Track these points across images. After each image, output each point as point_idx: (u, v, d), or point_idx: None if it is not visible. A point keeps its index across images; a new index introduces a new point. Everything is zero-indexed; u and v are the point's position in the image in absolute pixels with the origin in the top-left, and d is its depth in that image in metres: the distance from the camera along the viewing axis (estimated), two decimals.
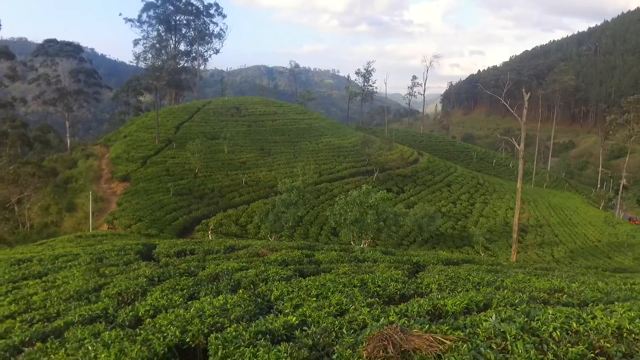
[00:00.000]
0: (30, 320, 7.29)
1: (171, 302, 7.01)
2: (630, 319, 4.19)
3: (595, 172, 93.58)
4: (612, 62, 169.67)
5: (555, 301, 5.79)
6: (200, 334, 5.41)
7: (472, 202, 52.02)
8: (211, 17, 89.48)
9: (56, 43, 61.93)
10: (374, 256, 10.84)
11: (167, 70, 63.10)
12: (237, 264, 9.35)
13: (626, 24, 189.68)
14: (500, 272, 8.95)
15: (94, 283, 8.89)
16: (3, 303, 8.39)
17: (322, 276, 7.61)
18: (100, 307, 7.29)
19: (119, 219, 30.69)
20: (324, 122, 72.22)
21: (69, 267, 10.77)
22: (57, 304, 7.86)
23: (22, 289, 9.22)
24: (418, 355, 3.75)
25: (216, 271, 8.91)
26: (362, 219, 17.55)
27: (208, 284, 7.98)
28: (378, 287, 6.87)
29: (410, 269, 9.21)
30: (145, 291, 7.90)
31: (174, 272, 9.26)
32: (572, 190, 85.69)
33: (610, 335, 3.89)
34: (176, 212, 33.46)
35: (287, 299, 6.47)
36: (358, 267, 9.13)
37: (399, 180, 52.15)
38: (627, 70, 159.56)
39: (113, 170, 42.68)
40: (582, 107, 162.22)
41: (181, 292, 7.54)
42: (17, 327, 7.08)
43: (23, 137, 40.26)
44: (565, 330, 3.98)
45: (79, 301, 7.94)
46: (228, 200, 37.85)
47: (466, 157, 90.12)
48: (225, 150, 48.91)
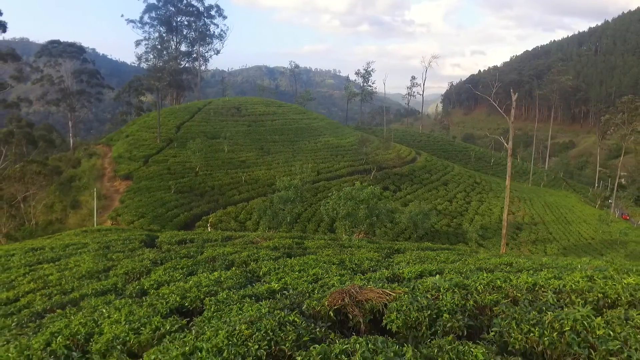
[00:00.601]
0: (49, 294, 8.26)
1: (172, 278, 7.97)
2: (547, 279, 5.14)
3: (594, 172, 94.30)
4: (612, 62, 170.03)
5: (498, 270, 6.72)
6: (197, 299, 6.38)
7: (468, 201, 52.87)
8: (212, 19, 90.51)
9: (59, 44, 63.05)
10: (359, 244, 11.78)
11: (168, 70, 64.09)
12: (232, 249, 10.30)
13: (626, 24, 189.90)
14: (471, 256, 9.88)
15: (103, 265, 9.86)
16: (23, 282, 9.36)
17: (307, 257, 8.56)
18: (110, 282, 8.26)
19: (122, 215, 31.69)
20: (323, 122, 73.14)
21: (79, 253, 11.75)
22: (72, 281, 8.83)
23: (38, 271, 10.20)
24: (369, 304, 4.70)
25: (213, 255, 9.86)
26: (354, 214, 18.51)
27: (205, 264, 8.95)
28: (354, 265, 7.82)
29: (388, 253, 10.15)
30: (149, 270, 8.87)
31: (175, 256, 10.23)
32: (569, 190, 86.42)
33: (525, 289, 4.84)
34: (177, 209, 34.45)
35: (273, 273, 7.43)
36: (341, 251, 10.07)
37: (396, 179, 53.05)
38: (627, 70, 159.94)
39: (116, 169, 43.69)
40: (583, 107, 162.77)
41: (181, 270, 8.50)
42: (37, 299, 8.05)
43: (28, 137, 41.35)
44: (489, 286, 4.92)
45: (91, 279, 8.91)
46: (228, 198, 38.82)
47: (464, 156, 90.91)
48: (225, 150, 49.89)
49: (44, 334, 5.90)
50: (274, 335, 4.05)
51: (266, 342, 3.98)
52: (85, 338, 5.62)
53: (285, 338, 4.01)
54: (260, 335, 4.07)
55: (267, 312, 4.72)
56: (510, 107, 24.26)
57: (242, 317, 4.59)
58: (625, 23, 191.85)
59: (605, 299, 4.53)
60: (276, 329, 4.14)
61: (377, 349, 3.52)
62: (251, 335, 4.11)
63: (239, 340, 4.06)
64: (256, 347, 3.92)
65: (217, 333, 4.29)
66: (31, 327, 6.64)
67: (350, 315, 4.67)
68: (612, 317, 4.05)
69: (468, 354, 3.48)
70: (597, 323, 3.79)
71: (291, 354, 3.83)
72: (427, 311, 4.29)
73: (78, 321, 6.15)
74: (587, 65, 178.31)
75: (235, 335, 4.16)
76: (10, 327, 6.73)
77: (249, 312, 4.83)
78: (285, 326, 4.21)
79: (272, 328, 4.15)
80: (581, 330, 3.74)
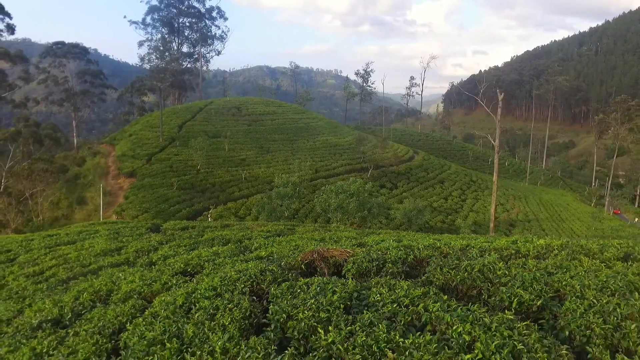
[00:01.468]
0: (70, 267, 9.54)
1: (177, 253, 9.24)
2: (480, 242, 6.37)
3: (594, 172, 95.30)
4: (613, 62, 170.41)
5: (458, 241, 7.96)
6: (198, 265, 7.64)
7: (463, 198, 54.02)
8: (213, 20, 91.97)
9: (64, 45, 64.43)
10: (345, 228, 13.02)
11: (170, 71, 65.45)
12: (229, 232, 11.56)
13: (627, 24, 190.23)
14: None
15: (115, 245, 11.13)
16: (45, 259, 10.65)
17: (294, 235, 9.81)
18: (123, 257, 9.54)
19: (127, 210, 33.03)
20: (322, 122, 74.40)
21: (92, 237, 13.03)
22: (89, 258, 10.10)
23: (57, 251, 11.48)
24: (333, 259, 5.94)
25: (212, 237, 11.13)
26: (345, 206, 19.73)
27: (205, 242, 10.21)
28: (333, 241, 9.05)
29: (368, 233, 11.38)
30: (156, 248, 10.14)
31: (179, 238, 11.49)
32: (566, 188, 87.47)
33: (458, 249, 6.07)
34: (179, 204, 35.76)
35: (263, 247, 8.69)
36: (325, 232, 11.31)
37: (393, 177, 54.26)
38: (627, 70, 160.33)
39: (120, 167, 45.04)
40: (583, 107, 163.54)
41: (184, 247, 9.78)
42: (60, 271, 9.33)
43: (35, 135, 42.74)
44: (430, 247, 6.16)
45: (105, 256, 10.19)
46: (228, 195, 40.12)
47: (462, 155, 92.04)
48: (226, 148, 51.21)
49: (72, 292, 7.17)
50: (256, 278, 5.30)
51: (250, 282, 5.24)
52: (106, 294, 6.89)
53: (264, 279, 5.26)
54: (245, 278, 5.32)
55: (253, 266, 5.98)
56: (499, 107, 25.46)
57: (233, 269, 5.85)
58: (625, 23, 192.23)
59: (518, 253, 5.77)
60: (258, 274, 5.39)
61: (329, 282, 4.77)
62: (238, 278, 5.37)
63: (229, 282, 5.32)
64: (242, 286, 5.17)
65: (212, 279, 5.55)
66: (59, 290, 7.91)
67: (318, 268, 5.91)
68: (514, 263, 5.29)
69: (397, 286, 4.72)
70: (499, 267, 5.02)
71: (268, 290, 5.08)
72: (375, 262, 5.54)
73: (99, 282, 7.42)
74: (587, 65, 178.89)
75: (226, 279, 5.42)
76: (43, 290, 8.00)
77: (239, 267, 6.08)
78: (265, 272, 5.46)
79: (255, 273, 5.40)
80: (486, 271, 4.97)
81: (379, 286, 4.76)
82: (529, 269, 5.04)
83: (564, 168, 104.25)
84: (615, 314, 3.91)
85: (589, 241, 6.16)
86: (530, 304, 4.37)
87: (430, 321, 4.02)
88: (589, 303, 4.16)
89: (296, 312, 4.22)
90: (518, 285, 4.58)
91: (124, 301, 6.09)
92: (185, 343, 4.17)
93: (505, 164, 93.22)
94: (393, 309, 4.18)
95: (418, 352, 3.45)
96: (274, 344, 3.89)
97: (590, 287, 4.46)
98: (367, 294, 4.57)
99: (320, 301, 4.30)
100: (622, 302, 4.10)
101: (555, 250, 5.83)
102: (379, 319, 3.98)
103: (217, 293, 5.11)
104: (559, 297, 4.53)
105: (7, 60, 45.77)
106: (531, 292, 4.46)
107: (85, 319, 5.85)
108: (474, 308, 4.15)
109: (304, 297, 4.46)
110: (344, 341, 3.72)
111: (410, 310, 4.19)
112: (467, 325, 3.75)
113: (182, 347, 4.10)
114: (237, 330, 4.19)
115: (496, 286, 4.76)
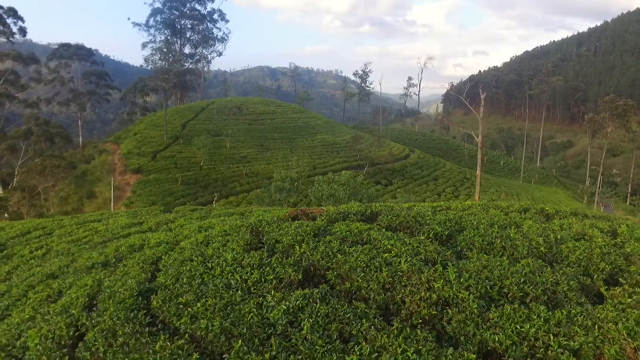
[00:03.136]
0: (102, 236, 11.59)
1: (190, 222, 11.28)
2: (423, 205, 8.41)
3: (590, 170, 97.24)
4: (611, 62, 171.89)
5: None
6: (209, 226, 9.67)
7: (456, 195, 55.97)
8: (214, 22, 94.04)
9: (70, 47, 66.67)
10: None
11: (173, 72, 67.52)
12: (233, 210, 13.61)
13: (625, 24, 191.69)
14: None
15: (137, 220, 13.18)
16: (78, 232, 12.70)
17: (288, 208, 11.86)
18: (146, 227, 11.59)
19: (135, 203, 35.10)
20: (320, 121, 76.44)
21: (114, 217, 15.09)
22: (117, 229, 12.16)
23: (87, 226, 13.53)
24: (312, 215, 7.99)
25: (219, 213, 13.18)
26: (336, 195, 21.72)
27: (213, 216, 12.26)
28: None
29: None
30: (173, 220, 12.19)
31: (190, 215, 13.54)
32: (560, 186, 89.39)
33: (406, 207, 8.10)
34: (184, 198, 37.83)
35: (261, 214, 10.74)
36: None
37: (388, 174, 56.26)
38: (625, 70, 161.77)
39: (126, 164, 47.12)
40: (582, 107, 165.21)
41: (196, 219, 11.82)
42: (95, 239, 11.38)
43: (46, 134, 44.84)
44: (384, 206, 8.19)
45: (130, 228, 12.23)
46: (230, 189, 42.20)
47: (459, 154, 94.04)
48: (227, 146, 53.30)
49: (112, 247, 9.22)
50: (254, 225, 7.34)
51: (250, 227, 7.28)
52: (139, 246, 8.93)
53: (260, 225, 7.30)
54: (246, 225, 7.37)
55: (253, 219, 8.02)
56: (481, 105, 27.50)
57: (237, 221, 7.90)
58: (624, 23, 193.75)
59: (448, 209, 7.79)
60: (256, 222, 7.44)
61: (306, 223, 6.80)
62: (241, 225, 7.42)
63: (236, 227, 7.37)
64: (244, 230, 7.22)
65: (223, 227, 7.59)
66: (99, 249, 9.96)
67: (301, 219, 7.94)
68: (440, 213, 7.32)
69: (353, 225, 6.75)
70: (427, 214, 7.05)
71: (261, 230, 7.12)
72: (342, 214, 7.57)
73: (132, 240, 9.47)
74: (586, 66, 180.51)
75: (233, 226, 7.46)
76: (86, 249, 10.05)
77: (242, 221, 8.13)
78: (261, 222, 7.50)
79: (254, 222, 7.45)
80: (418, 217, 7.00)
81: (340, 224, 6.80)
82: (447, 216, 7.08)
83: (560, 167, 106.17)
84: (490, 234, 5.95)
85: (502, 201, 8.18)
86: (442, 234, 6.42)
87: (370, 241, 6.07)
88: (478, 232, 6.21)
89: (281, 238, 6.27)
90: (436, 224, 6.62)
91: (156, 247, 8.14)
92: (207, 258, 6.22)
93: (500, 163, 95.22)
94: (346, 235, 6.23)
95: (357, 254, 5.49)
96: (266, 254, 5.95)
97: (483, 223, 6.50)
98: (331, 228, 6.61)
99: (298, 231, 6.35)
100: (500, 230, 6.15)
101: (476, 206, 7.86)
102: (336, 239, 6.03)
103: (227, 233, 7.15)
104: (462, 230, 6.56)
105: (19, 62, 47.94)
106: (443, 228, 6.50)
107: (128, 259, 7.89)
108: (401, 235, 6.20)
109: (287, 230, 6.51)
110: (311, 251, 5.77)
111: (358, 236, 6.24)
112: (391, 241, 5.81)
113: (205, 260, 6.15)
114: (242, 249, 6.24)
115: (423, 226, 6.79)
